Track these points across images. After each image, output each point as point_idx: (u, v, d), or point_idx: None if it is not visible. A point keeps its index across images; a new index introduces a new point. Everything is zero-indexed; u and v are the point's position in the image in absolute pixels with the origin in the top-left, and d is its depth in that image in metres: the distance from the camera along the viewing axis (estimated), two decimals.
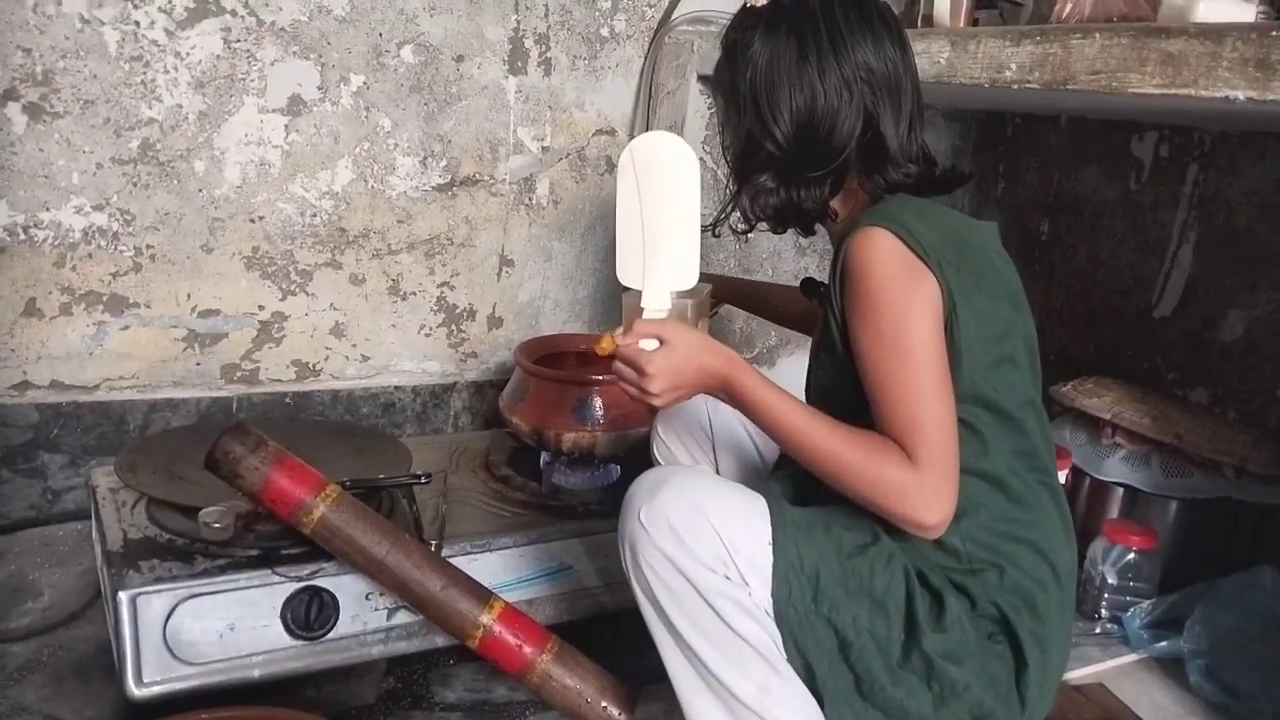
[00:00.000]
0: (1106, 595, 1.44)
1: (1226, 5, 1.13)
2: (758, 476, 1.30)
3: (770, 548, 0.97)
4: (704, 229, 1.14)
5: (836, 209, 1.11)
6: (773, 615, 0.97)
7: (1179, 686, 1.30)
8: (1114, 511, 1.54)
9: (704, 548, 0.96)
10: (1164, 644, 1.34)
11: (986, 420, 1.00)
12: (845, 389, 1.02)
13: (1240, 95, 0.98)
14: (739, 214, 1.15)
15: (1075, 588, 1.07)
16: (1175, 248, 1.78)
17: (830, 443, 0.97)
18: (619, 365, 1.05)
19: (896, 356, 0.95)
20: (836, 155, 1.06)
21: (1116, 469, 1.54)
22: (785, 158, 1.07)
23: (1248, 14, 1.14)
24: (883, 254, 0.97)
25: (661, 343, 1.03)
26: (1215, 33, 1.00)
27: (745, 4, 1.10)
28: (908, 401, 0.94)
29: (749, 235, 1.20)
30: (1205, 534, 1.50)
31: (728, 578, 0.96)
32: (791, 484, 1.09)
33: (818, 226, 1.17)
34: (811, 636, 0.98)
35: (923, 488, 0.92)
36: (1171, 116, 1.69)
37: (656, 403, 1.04)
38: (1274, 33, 0.95)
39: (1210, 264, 1.73)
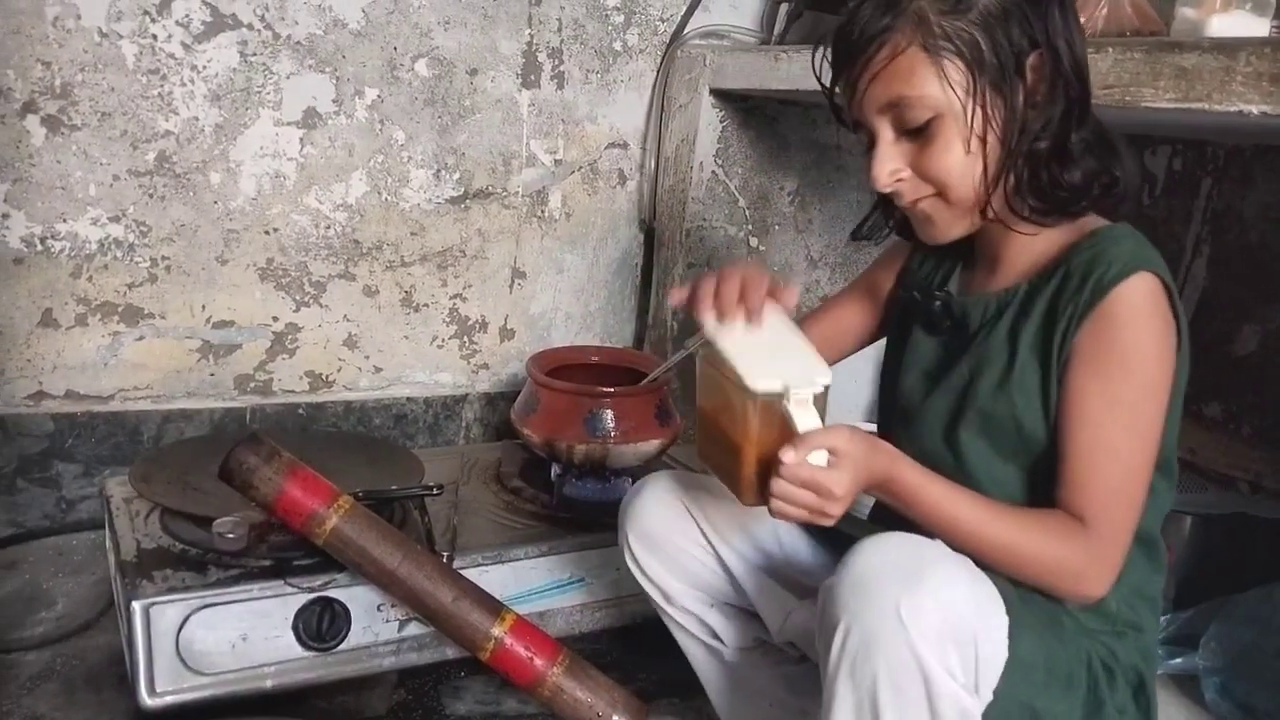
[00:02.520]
0: None
1: (1240, 20, 1.13)
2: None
3: (1007, 645, 0.86)
4: (865, 235, 1.04)
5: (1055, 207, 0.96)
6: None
7: (1194, 703, 1.29)
8: None
9: (960, 656, 0.83)
10: (1179, 661, 1.33)
11: (1156, 480, 0.94)
12: (1022, 427, 0.94)
13: (1254, 109, 0.98)
14: (1011, 200, 0.94)
15: None
16: (1189, 262, 1.77)
17: (1006, 535, 0.89)
18: (789, 488, 0.86)
19: (1125, 430, 0.89)
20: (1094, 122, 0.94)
21: None
22: (1080, 104, 0.92)
23: (1262, 29, 1.14)
24: (1151, 309, 0.89)
25: (833, 454, 0.86)
26: (1229, 47, 1.00)
27: None
28: (1112, 475, 0.89)
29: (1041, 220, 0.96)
30: (1220, 550, 1.49)
31: (964, 687, 0.84)
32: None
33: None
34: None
35: (1100, 568, 0.89)
36: (1185, 131, 1.69)
37: (833, 521, 0.89)
38: None
39: (1224, 278, 1.72)
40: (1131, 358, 0.89)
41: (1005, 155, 0.92)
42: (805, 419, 0.87)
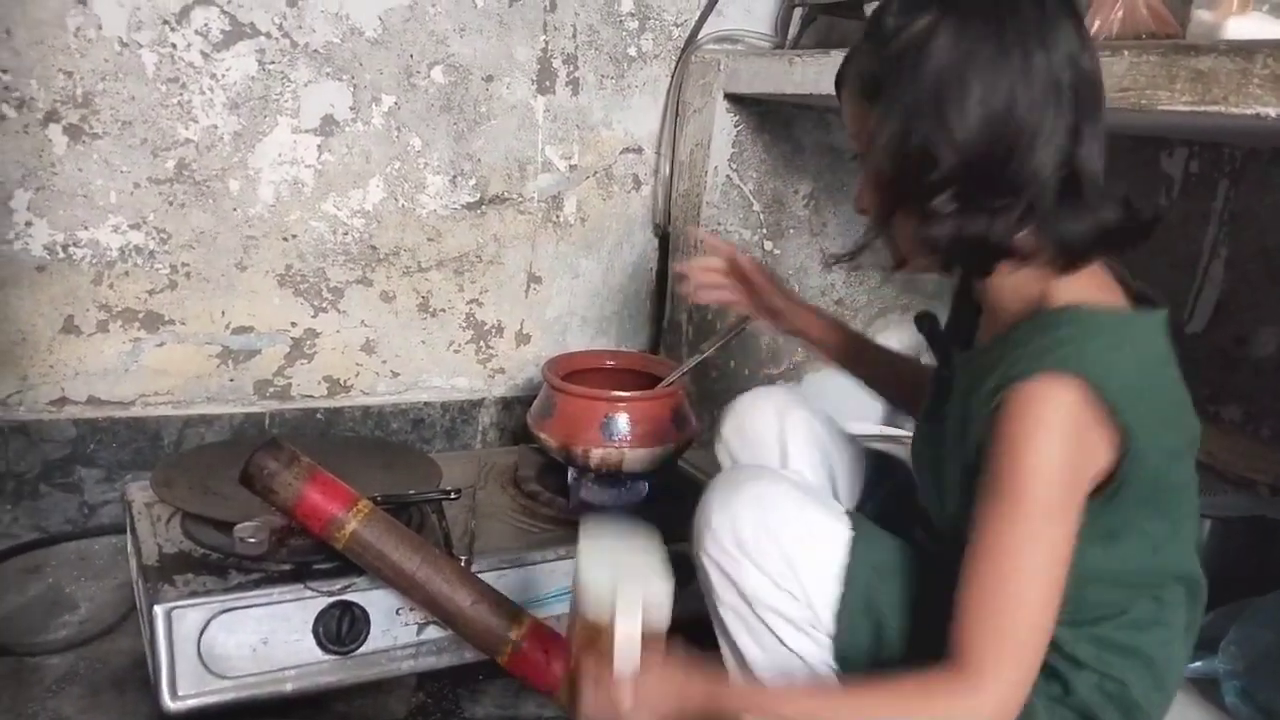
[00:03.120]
0: None
1: (1257, 22, 1.13)
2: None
3: (840, 582, 0.94)
4: (841, 259, 0.99)
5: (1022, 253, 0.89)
6: (832, 637, 0.96)
7: (1214, 707, 1.28)
8: None
9: (768, 561, 0.94)
10: (1199, 664, 1.32)
11: (1163, 594, 0.93)
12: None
13: (1272, 112, 0.97)
14: (889, 248, 0.95)
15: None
16: (1206, 264, 1.77)
17: (873, 711, 0.85)
18: (592, 705, 0.88)
19: (1023, 542, 0.82)
20: (1031, 181, 0.84)
21: None
22: (968, 177, 0.84)
23: (1278, 31, 1.13)
24: (1053, 424, 0.81)
25: (636, 687, 0.87)
26: (1245, 50, 0.99)
27: None
28: (1005, 610, 0.82)
29: (899, 270, 0.98)
30: (1239, 553, 1.48)
31: (793, 595, 0.95)
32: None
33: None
34: (862, 670, 0.94)
35: (986, 713, 0.82)
36: (1201, 133, 1.68)
37: None
38: None
39: (1242, 280, 1.71)
40: (1021, 480, 0.82)
41: (885, 200, 0.91)
42: (624, 647, 0.87)
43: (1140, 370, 0.86)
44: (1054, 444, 0.81)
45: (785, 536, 0.94)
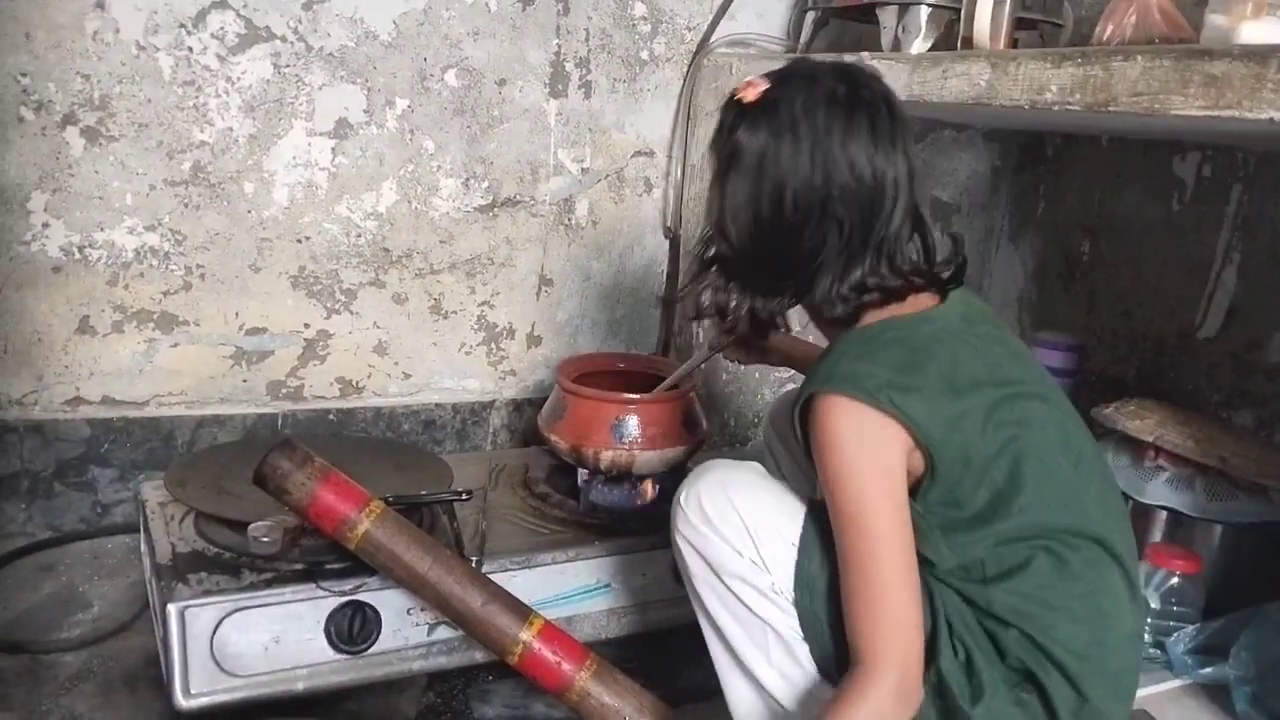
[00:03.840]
0: (1150, 620, 1.42)
1: (1271, 27, 1.12)
2: None
3: (795, 549, 1.02)
4: (668, 302, 1.10)
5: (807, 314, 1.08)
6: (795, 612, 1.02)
7: (1225, 713, 1.28)
8: (1157, 535, 1.52)
9: (729, 531, 1.03)
10: (1209, 670, 1.32)
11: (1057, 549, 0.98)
12: None
13: None
14: (688, 302, 1.11)
15: (1134, 648, 1.04)
16: (1219, 268, 1.76)
17: None
18: None
19: (860, 539, 0.95)
20: (797, 267, 1.01)
21: (1160, 492, 1.52)
22: (737, 260, 1.03)
23: None
24: (831, 428, 0.95)
25: None
26: (1259, 54, 0.99)
27: (734, 93, 1.04)
28: (871, 592, 0.94)
29: (696, 320, 1.16)
30: (1250, 558, 1.47)
31: (754, 562, 1.02)
32: None
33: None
34: (826, 639, 1.01)
35: (892, 698, 0.92)
36: (1214, 136, 1.68)
37: None
38: None
39: (1255, 285, 1.71)
40: (836, 476, 0.95)
41: (692, 261, 1.11)
42: None
43: (896, 366, 0.96)
44: (842, 444, 0.95)
45: (742, 506, 1.03)
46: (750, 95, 1.01)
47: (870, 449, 0.95)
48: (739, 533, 1.03)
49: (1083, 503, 1.00)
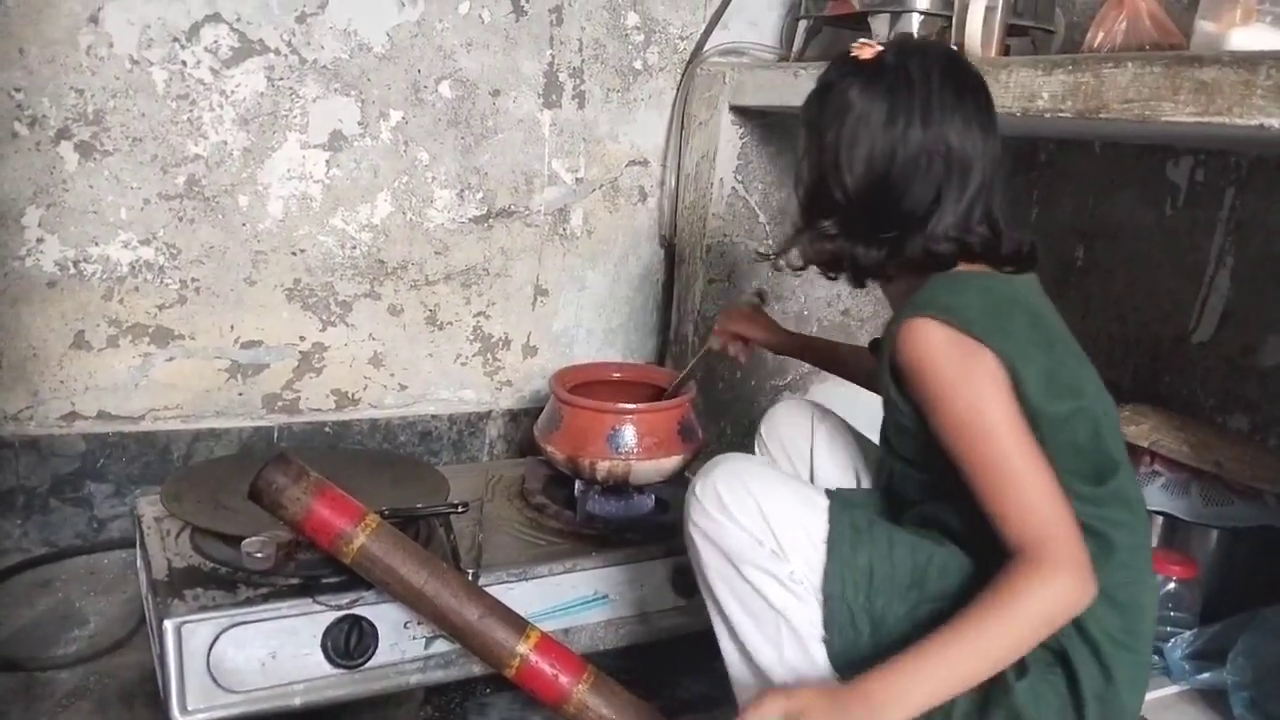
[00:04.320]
0: None
1: (1260, 33, 1.13)
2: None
3: (825, 545, 1.03)
4: (764, 258, 1.23)
5: (893, 272, 1.11)
6: (820, 600, 1.03)
7: (1223, 719, 1.28)
8: (1153, 541, 1.52)
9: (747, 519, 1.03)
10: (1206, 675, 1.32)
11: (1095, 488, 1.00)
12: (931, 461, 1.03)
13: (1275, 123, 0.97)
14: (797, 250, 1.16)
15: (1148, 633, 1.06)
16: (1212, 273, 1.76)
17: (989, 639, 0.92)
18: None
19: (985, 444, 0.96)
20: (900, 221, 1.05)
21: (1155, 497, 1.52)
22: (850, 209, 1.07)
23: None
24: (932, 345, 0.98)
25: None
26: (1249, 61, 1.00)
27: (850, 50, 1.10)
28: (1014, 488, 0.94)
29: (802, 271, 1.20)
30: (1247, 563, 1.47)
31: (774, 551, 1.03)
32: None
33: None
34: (860, 639, 1.02)
35: (1073, 582, 0.92)
36: (1207, 141, 1.68)
37: None
38: None
39: (1248, 289, 1.71)
40: (941, 388, 0.98)
41: (800, 215, 1.14)
42: None
43: (986, 309, 1.00)
44: (940, 356, 0.97)
45: (760, 493, 1.04)
46: (867, 53, 1.07)
47: (973, 360, 0.97)
48: (757, 520, 1.04)
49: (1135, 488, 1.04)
